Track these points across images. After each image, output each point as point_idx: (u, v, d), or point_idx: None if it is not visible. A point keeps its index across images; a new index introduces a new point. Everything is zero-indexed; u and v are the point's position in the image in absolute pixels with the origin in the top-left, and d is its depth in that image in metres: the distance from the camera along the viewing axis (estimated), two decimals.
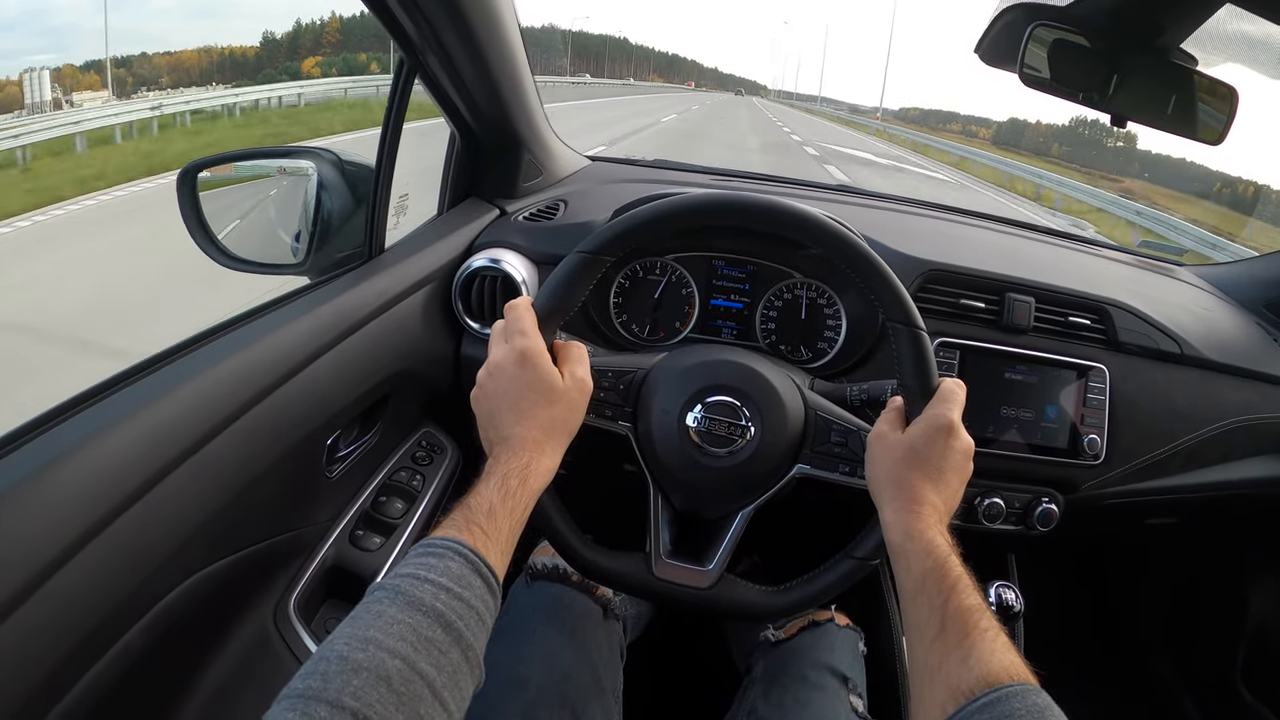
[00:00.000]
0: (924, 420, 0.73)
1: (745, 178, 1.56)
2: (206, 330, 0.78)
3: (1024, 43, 0.89)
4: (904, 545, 0.67)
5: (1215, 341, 1.16)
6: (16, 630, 0.51)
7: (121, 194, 5.38)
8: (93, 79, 9.57)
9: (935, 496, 0.70)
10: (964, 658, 0.55)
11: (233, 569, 0.75)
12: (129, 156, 6.57)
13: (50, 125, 5.96)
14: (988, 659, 0.54)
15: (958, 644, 0.56)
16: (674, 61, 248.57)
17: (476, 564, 0.57)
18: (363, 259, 0.99)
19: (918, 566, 0.64)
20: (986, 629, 0.57)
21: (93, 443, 0.59)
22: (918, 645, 0.60)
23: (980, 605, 0.59)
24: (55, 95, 7.39)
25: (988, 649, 0.55)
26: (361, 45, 23.56)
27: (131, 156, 6.57)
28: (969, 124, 72.94)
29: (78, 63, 9.41)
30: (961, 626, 0.57)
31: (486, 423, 0.72)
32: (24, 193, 4.94)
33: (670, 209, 0.80)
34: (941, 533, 0.67)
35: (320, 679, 0.46)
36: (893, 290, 0.78)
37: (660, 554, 0.82)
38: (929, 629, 0.59)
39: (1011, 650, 0.55)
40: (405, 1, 0.85)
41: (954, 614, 0.59)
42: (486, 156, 1.21)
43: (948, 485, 0.71)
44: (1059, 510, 1.09)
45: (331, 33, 34.32)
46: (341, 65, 29.26)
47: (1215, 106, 0.94)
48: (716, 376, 0.83)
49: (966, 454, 0.73)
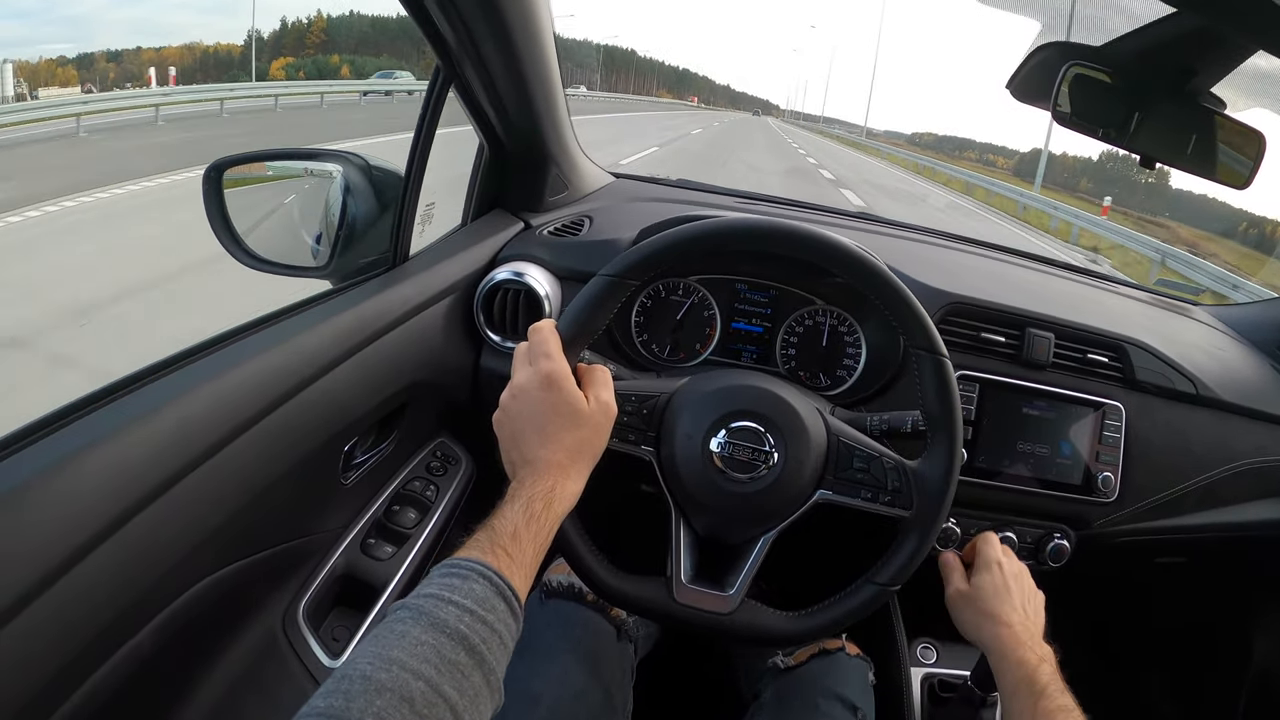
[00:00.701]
0: (978, 570, 0.90)
1: (768, 201, 1.57)
2: (230, 330, 0.78)
3: (1058, 81, 0.90)
4: (999, 664, 0.80)
5: (1230, 383, 1.16)
6: (27, 626, 0.51)
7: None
8: (70, 74, 9.65)
9: (1015, 616, 0.83)
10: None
11: (244, 573, 0.75)
12: None
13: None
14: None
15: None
16: (684, 76, 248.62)
17: (500, 587, 0.56)
18: (387, 265, 0.99)
19: (1010, 677, 0.77)
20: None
21: (111, 440, 0.58)
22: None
23: (1069, 706, 0.71)
24: (19, 90, 7.39)
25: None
26: (344, 47, 23.60)
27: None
28: (985, 152, 72.82)
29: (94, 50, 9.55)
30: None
31: (510, 445, 0.71)
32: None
33: (697, 234, 0.80)
34: (1031, 647, 0.79)
35: (343, 698, 0.45)
36: (917, 318, 0.79)
37: (681, 579, 0.82)
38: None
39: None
40: (447, 9, 0.85)
41: (1043, 714, 0.70)
42: (513, 168, 1.21)
43: (1024, 607, 0.85)
44: (1070, 546, 1.09)
45: (317, 32, 34.08)
46: (310, 68, 29.03)
47: (1242, 151, 0.95)
48: (741, 402, 0.83)
49: (1022, 572, 0.91)
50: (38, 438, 0.57)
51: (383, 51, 69.30)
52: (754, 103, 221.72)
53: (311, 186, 1.07)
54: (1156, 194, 27.21)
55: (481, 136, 1.14)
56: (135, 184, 6.57)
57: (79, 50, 10.02)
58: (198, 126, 10.75)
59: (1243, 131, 0.93)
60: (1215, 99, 0.94)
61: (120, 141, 9.54)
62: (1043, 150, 23.99)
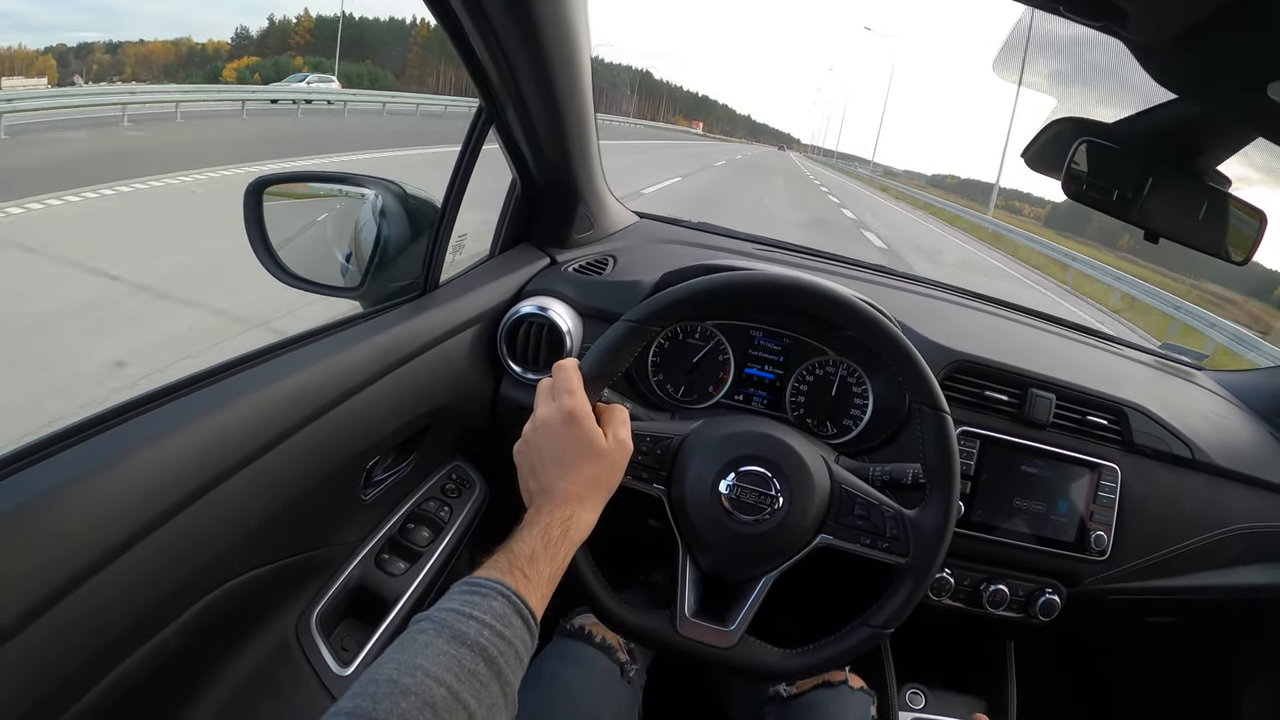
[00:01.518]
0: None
1: (787, 249, 1.61)
2: (268, 346, 0.81)
3: (1070, 154, 0.94)
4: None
5: (1226, 448, 1.19)
6: (58, 621, 0.53)
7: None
8: (48, 62, 9.69)
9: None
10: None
11: (265, 578, 0.78)
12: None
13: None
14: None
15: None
16: (703, 103, 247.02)
17: (518, 605, 0.60)
18: (418, 291, 1.03)
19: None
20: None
21: (151, 446, 0.61)
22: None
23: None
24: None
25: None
26: (329, 50, 23.15)
27: None
28: (1011, 199, 71.69)
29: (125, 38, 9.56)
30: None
31: (529, 474, 0.75)
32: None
33: (719, 286, 0.85)
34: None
35: (370, 700, 0.48)
36: (921, 375, 0.83)
37: (685, 613, 0.85)
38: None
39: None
40: (495, 54, 0.89)
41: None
42: (542, 205, 1.24)
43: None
44: (1061, 602, 1.11)
45: (303, 32, 33.67)
46: (270, 70, 28.14)
47: (1244, 228, 0.98)
48: (751, 447, 0.87)
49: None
50: (81, 438, 0.60)
51: (367, 56, 67.85)
52: (776, 136, 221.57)
53: (342, 206, 1.10)
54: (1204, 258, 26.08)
55: (514, 172, 1.17)
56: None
57: (109, 38, 10.06)
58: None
59: (1246, 209, 0.97)
60: (1221, 177, 0.98)
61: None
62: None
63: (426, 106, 21.47)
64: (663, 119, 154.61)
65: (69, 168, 7.02)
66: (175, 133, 10.98)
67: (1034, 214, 56.96)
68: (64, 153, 8.20)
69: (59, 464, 0.57)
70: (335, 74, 28.93)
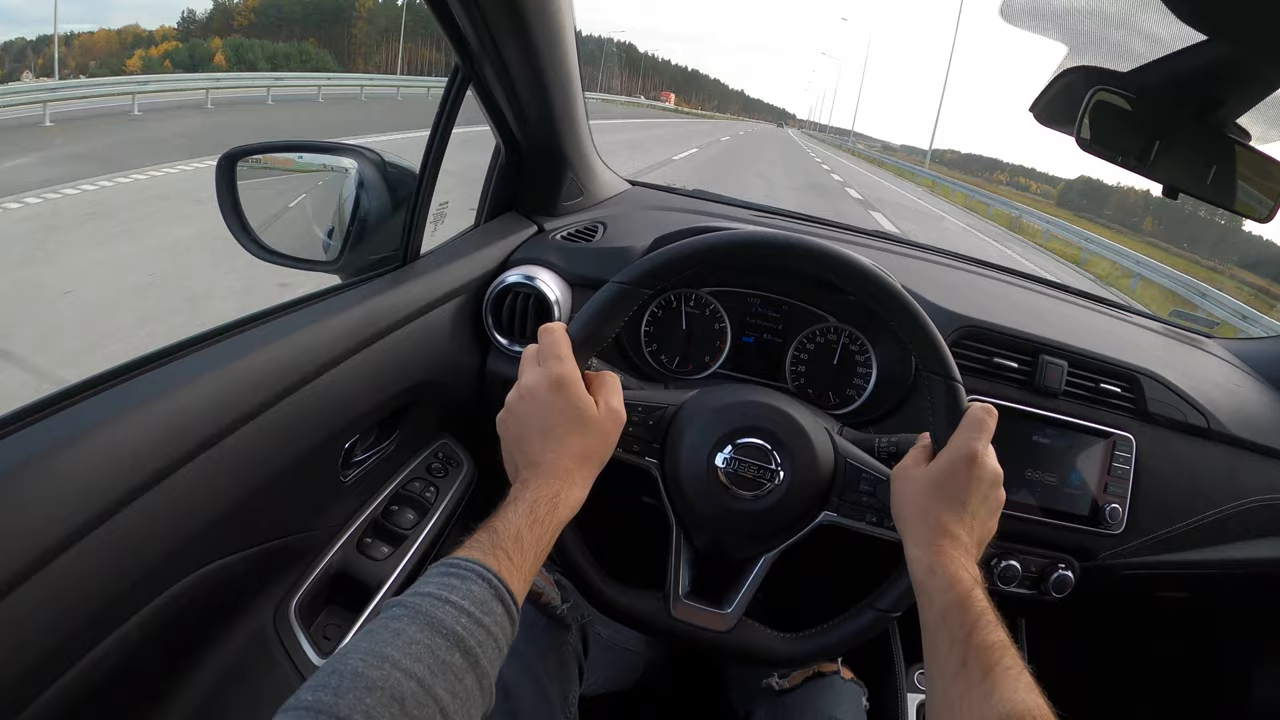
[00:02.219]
0: (948, 451, 0.72)
1: (785, 216, 1.56)
2: (235, 321, 0.78)
3: (1084, 107, 0.89)
4: (926, 580, 0.66)
5: (1242, 418, 1.15)
6: (15, 609, 0.50)
7: None
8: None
9: (960, 529, 0.68)
10: (986, 694, 0.54)
11: (236, 567, 0.74)
12: None
13: None
14: (1011, 696, 0.53)
15: (980, 680, 0.56)
16: (693, 78, 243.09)
17: (499, 590, 0.55)
18: (397, 263, 0.99)
19: (939, 600, 0.63)
20: (1010, 666, 0.56)
21: (108, 426, 0.58)
22: (938, 680, 0.60)
23: (1004, 642, 0.58)
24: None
25: (1010, 686, 0.54)
26: (273, 31, 22.12)
27: None
28: (1016, 174, 70.62)
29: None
30: (985, 662, 0.56)
31: (514, 447, 0.71)
32: None
33: (712, 245, 0.79)
34: (966, 566, 0.65)
35: (332, 693, 0.44)
36: (932, 341, 0.78)
37: (679, 594, 0.81)
38: (950, 664, 0.59)
39: (1035, 690, 0.55)
40: (469, 8, 0.84)
41: (976, 650, 0.58)
42: (529, 171, 1.20)
43: (974, 516, 0.70)
44: (1074, 578, 1.08)
45: (245, 13, 32.67)
46: (185, 56, 26.99)
47: (1266, 183, 0.94)
48: (748, 418, 0.82)
49: (995, 481, 0.72)
50: (34, 420, 0.57)
51: (308, 36, 65.61)
52: (768, 111, 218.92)
53: (326, 181, 1.06)
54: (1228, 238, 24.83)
55: (498, 137, 1.13)
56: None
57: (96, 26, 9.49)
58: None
59: (1267, 164, 0.93)
60: (1240, 130, 0.93)
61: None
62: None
63: (408, 89, 20.53)
64: (623, 91, 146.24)
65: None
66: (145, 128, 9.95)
67: (1039, 190, 56.02)
68: None
69: (6, 447, 0.54)
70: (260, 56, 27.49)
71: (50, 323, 3.39)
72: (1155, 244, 20.96)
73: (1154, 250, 16.77)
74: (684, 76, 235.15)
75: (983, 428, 0.72)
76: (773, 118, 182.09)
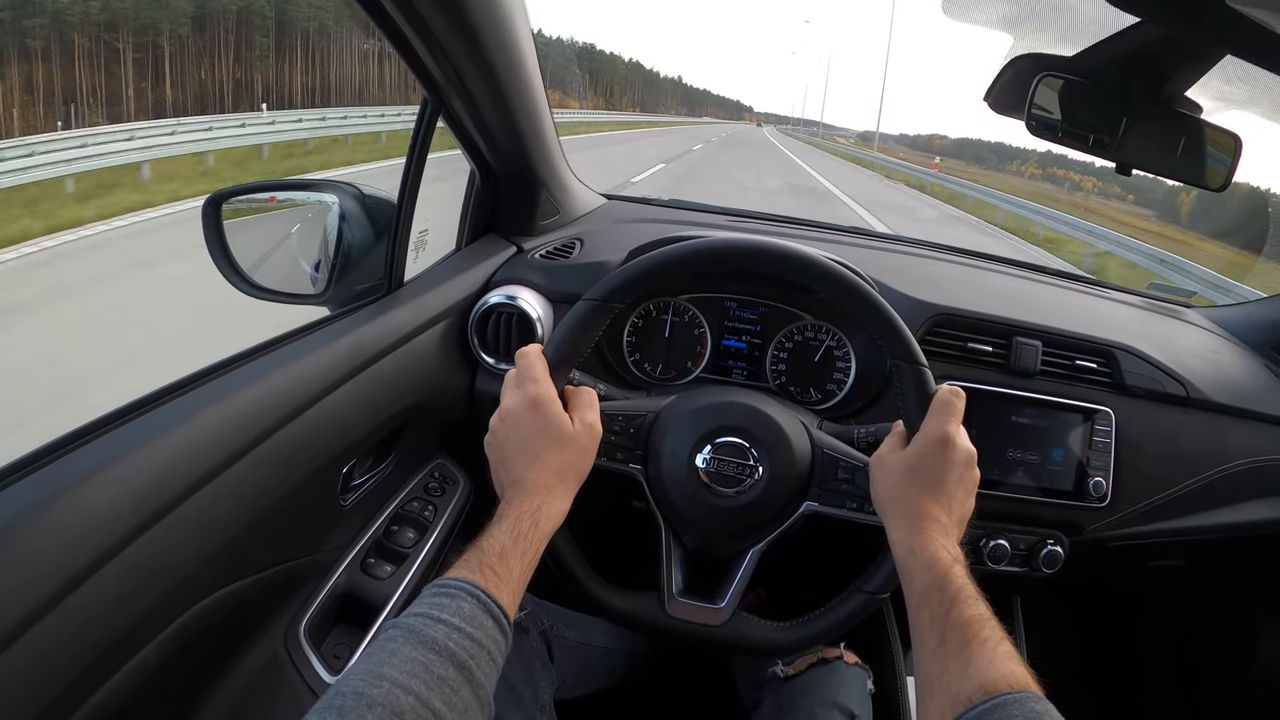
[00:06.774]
0: (920, 435, 0.75)
1: (760, 219, 1.59)
2: (229, 358, 0.80)
3: (1031, 92, 0.91)
4: (907, 561, 0.69)
5: (1222, 384, 1.17)
6: (35, 644, 0.52)
7: None
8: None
9: (938, 510, 0.71)
10: (964, 666, 0.56)
11: (246, 592, 0.77)
12: None
13: None
14: (987, 667, 0.55)
15: (958, 653, 0.58)
16: (652, 80, 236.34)
17: (488, 604, 0.59)
18: (382, 292, 1.01)
19: (920, 580, 0.66)
20: (987, 638, 0.58)
21: (114, 466, 0.61)
22: (921, 657, 0.62)
23: (982, 615, 0.61)
24: None
25: (987, 658, 0.56)
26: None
27: None
28: (1010, 159, 69.64)
29: None
30: (962, 636, 0.59)
31: (499, 467, 0.74)
32: None
33: (675, 256, 0.83)
34: (945, 546, 0.68)
35: (336, 714, 0.47)
36: (894, 329, 0.80)
37: (672, 593, 0.84)
38: (930, 640, 0.61)
39: (1014, 659, 0.57)
40: (430, 44, 0.87)
41: (955, 624, 0.60)
42: (505, 194, 1.23)
43: (951, 496, 0.72)
44: (1064, 552, 1.10)
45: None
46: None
47: (1219, 153, 0.96)
48: (724, 418, 0.85)
49: (969, 461, 0.74)
50: (45, 463, 0.60)
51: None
52: (734, 108, 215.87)
53: (313, 215, 1.09)
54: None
55: (472, 163, 1.16)
56: None
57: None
58: None
59: (1219, 134, 0.95)
60: (1191, 104, 0.95)
61: None
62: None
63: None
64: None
65: None
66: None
67: (1031, 172, 55.03)
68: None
69: (20, 490, 0.57)
70: None
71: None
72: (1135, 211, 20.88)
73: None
74: (642, 77, 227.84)
75: (952, 410, 0.75)
76: (733, 112, 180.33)
